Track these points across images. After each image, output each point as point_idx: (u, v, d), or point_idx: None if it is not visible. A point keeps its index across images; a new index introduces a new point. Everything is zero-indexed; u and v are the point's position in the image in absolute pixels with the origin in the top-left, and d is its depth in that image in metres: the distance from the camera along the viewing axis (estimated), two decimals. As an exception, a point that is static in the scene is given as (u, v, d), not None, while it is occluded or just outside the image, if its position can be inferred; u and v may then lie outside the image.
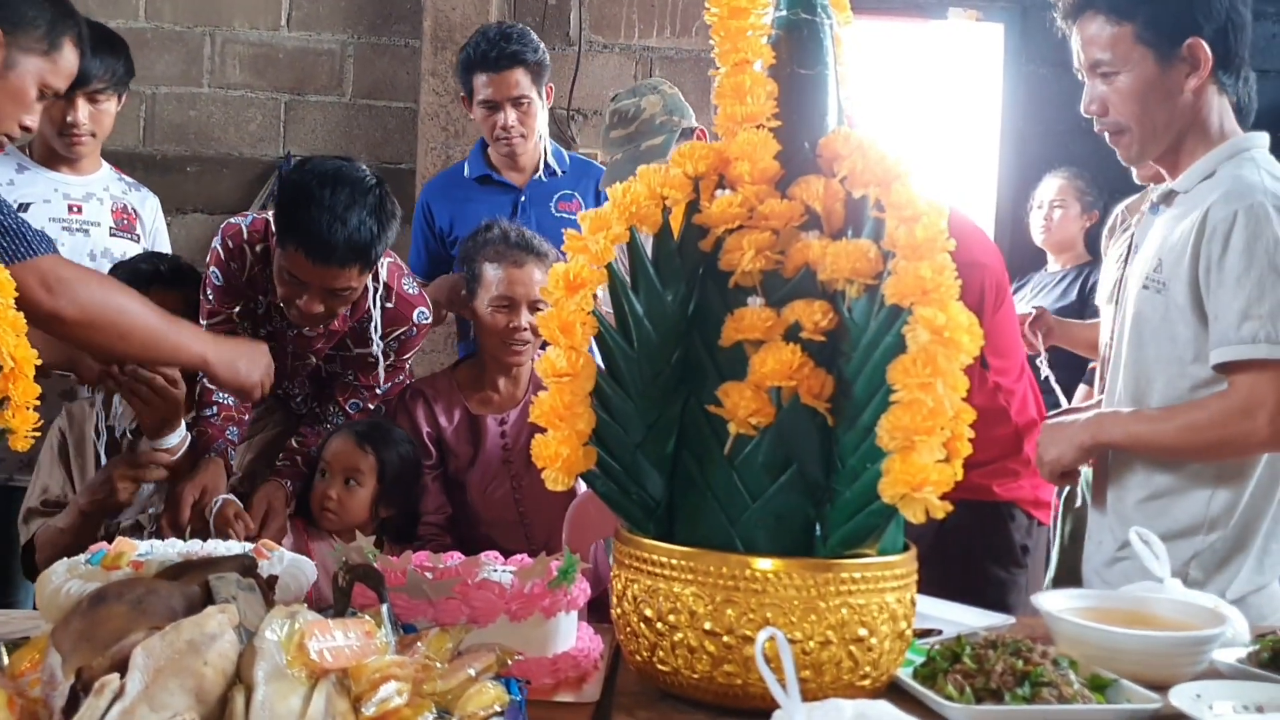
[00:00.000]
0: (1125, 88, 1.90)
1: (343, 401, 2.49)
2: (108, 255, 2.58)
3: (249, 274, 2.35)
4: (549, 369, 1.29)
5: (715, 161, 1.35)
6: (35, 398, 1.51)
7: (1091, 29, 1.91)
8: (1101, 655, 1.45)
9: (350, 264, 2.18)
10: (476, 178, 3.12)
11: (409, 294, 2.43)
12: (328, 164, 2.24)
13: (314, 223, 2.13)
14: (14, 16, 1.95)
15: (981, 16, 4.79)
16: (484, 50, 2.95)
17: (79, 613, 1.11)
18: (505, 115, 2.96)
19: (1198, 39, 1.86)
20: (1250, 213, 1.80)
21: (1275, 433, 1.78)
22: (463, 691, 1.12)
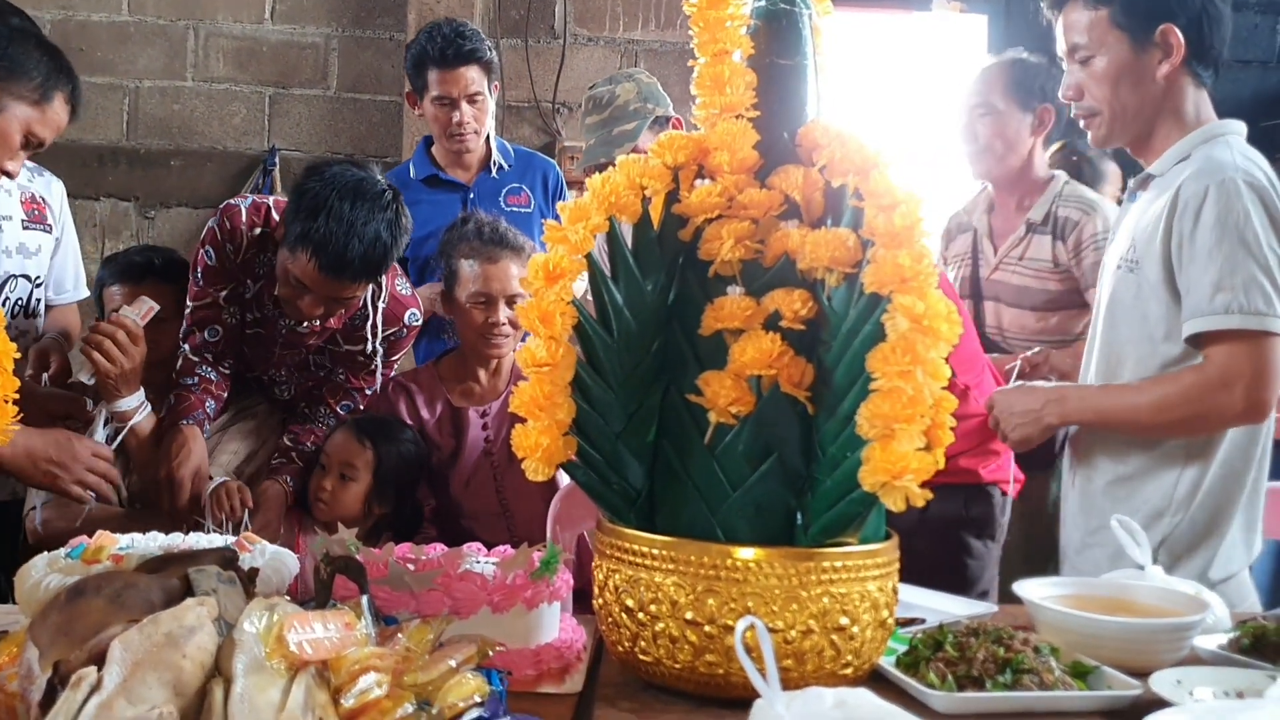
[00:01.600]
0: (1099, 71, 1.95)
1: (333, 404, 2.49)
2: (23, 250, 2.48)
3: (243, 256, 2.34)
4: (529, 359, 1.29)
5: (694, 151, 1.35)
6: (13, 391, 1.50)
7: (1073, 15, 1.97)
8: (1083, 642, 1.45)
9: (362, 279, 2.19)
10: (423, 178, 3.10)
11: (402, 295, 2.43)
12: (348, 175, 2.19)
13: (331, 236, 2.11)
14: (10, 64, 2.02)
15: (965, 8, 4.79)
16: (440, 47, 2.95)
17: (57, 606, 1.10)
18: (461, 112, 2.97)
19: (1171, 25, 1.91)
20: (1221, 187, 1.83)
21: (1250, 405, 1.80)
22: (443, 682, 1.11)
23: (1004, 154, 2.73)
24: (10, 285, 2.45)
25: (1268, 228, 1.81)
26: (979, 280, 2.79)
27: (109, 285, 2.37)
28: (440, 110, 2.99)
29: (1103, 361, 2.00)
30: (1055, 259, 2.70)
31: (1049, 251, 2.70)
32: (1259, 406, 1.81)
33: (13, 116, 2.02)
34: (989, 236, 2.81)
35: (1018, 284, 2.72)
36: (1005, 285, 2.74)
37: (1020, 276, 2.73)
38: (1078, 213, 2.70)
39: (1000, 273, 2.76)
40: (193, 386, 2.36)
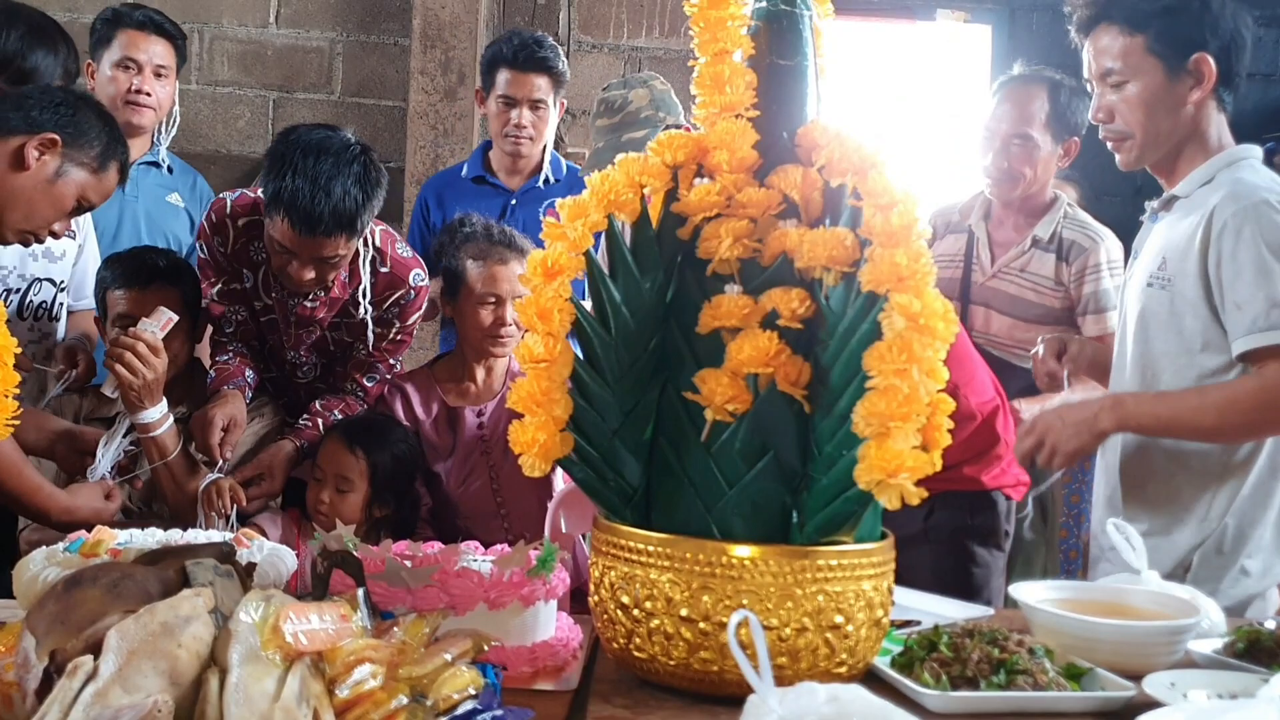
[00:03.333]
0: (1133, 96, 1.98)
1: (360, 378, 2.52)
2: (48, 255, 2.53)
3: (233, 248, 2.37)
4: (526, 355, 1.30)
5: (694, 151, 1.36)
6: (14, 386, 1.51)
7: (1104, 40, 2.00)
8: (1078, 645, 1.46)
9: (336, 233, 2.20)
10: (473, 178, 3.20)
11: (403, 257, 2.45)
12: (313, 134, 2.25)
13: (298, 193, 2.15)
14: (75, 130, 2.08)
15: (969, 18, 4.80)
16: (515, 49, 3.05)
17: (54, 596, 1.11)
18: (521, 114, 3.05)
19: (1204, 54, 1.96)
20: (1257, 209, 1.88)
21: None
22: (438, 675, 1.12)
23: (1030, 181, 2.78)
24: (35, 288, 2.52)
25: None
26: (970, 284, 2.83)
27: (112, 288, 2.36)
28: (502, 110, 3.07)
29: (1138, 374, 2.03)
30: (1058, 278, 2.77)
31: (1052, 269, 2.77)
32: None
33: (71, 181, 2.07)
34: (988, 244, 2.84)
35: (1014, 294, 2.78)
36: (1000, 293, 2.79)
37: (1018, 287, 2.78)
38: (1086, 239, 2.77)
39: (997, 281, 2.79)
40: (227, 361, 2.43)
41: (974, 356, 2.37)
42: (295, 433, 2.42)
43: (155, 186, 2.96)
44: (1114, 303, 2.72)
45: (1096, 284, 2.73)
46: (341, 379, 2.53)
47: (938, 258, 2.87)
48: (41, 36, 2.44)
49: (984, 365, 2.40)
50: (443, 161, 4.02)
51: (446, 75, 4.09)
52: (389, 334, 2.48)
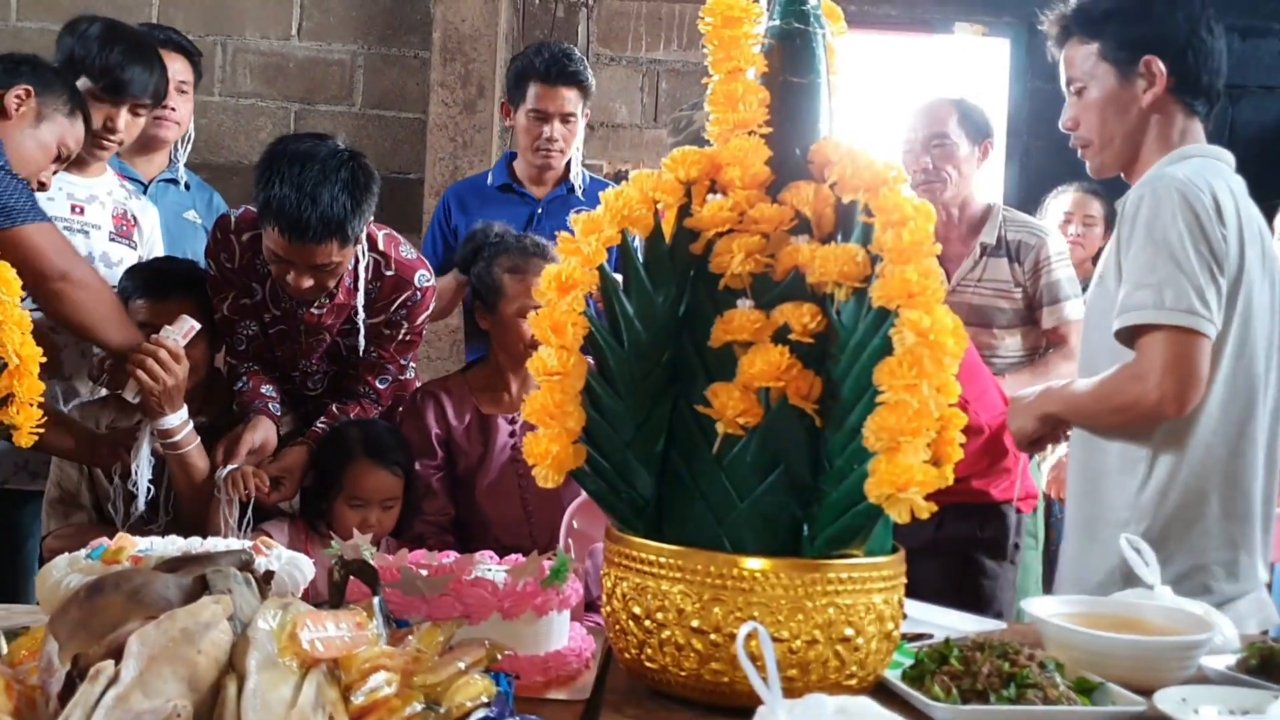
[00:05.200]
0: (1090, 101, 2.05)
1: (372, 379, 2.54)
2: (105, 260, 2.61)
3: (239, 262, 2.40)
4: (540, 367, 1.32)
5: (707, 167, 1.37)
6: (39, 395, 1.53)
7: (1071, 50, 2.08)
8: (1090, 659, 1.46)
9: (327, 240, 2.22)
10: (498, 186, 3.20)
11: (408, 259, 2.48)
12: (301, 143, 2.29)
13: (285, 201, 2.18)
14: (42, 82, 2.23)
15: (988, 31, 4.80)
16: (546, 63, 3.06)
17: (76, 602, 1.13)
18: (552, 128, 3.06)
19: (1153, 57, 2.00)
20: (1154, 194, 1.90)
21: (1163, 395, 1.84)
22: (451, 683, 1.13)
23: (957, 182, 2.96)
24: None
25: (1194, 232, 1.86)
26: None
27: (133, 298, 2.40)
28: (532, 123, 3.08)
29: (1083, 370, 2.07)
30: (1014, 279, 2.92)
31: (1007, 272, 2.92)
32: (1171, 399, 1.84)
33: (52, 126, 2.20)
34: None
35: (978, 304, 2.90)
36: (964, 306, 2.89)
37: (980, 297, 2.91)
38: (1031, 237, 2.96)
39: (956, 295, 2.90)
40: (245, 385, 2.46)
41: (983, 371, 2.39)
42: (310, 436, 2.45)
43: (173, 204, 3.00)
44: (1067, 293, 2.90)
45: (1049, 275, 2.89)
46: (354, 383, 2.56)
47: None
48: (140, 54, 2.59)
49: (993, 379, 2.42)
50: (462, 173, 4.05)
51: (466, 88, 4.12)
52: (398, 335, 2.50)
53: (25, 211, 2.04)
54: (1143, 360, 1.85)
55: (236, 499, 2.28)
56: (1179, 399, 1.83)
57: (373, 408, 2.54)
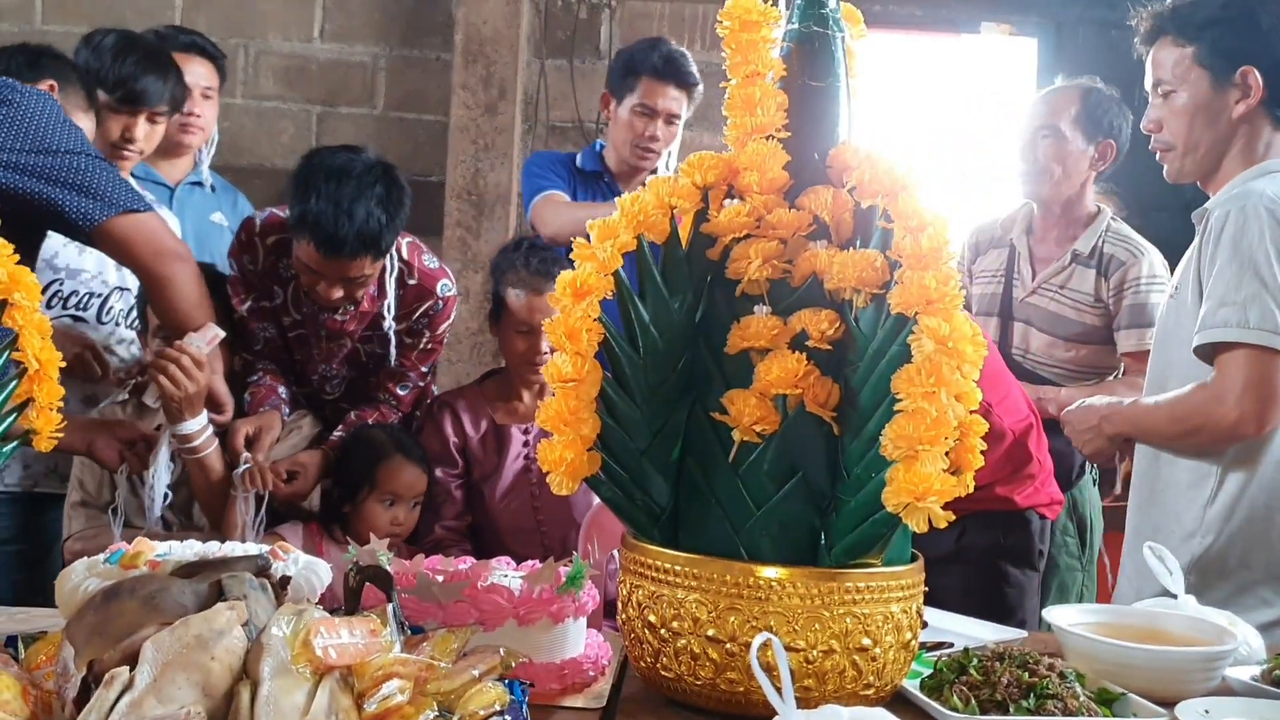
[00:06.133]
0: (1178, 106, 2.01)
1: (392, 386, 2.56)
2: None
3: (262, 266, 2.44)
4: (555, 374, 1.31)
5: (724, 172, 1.37)
6: (59, 399, 1.54)
7: (1161, 52, 2.04)
8: (1111, 670, 1.44)
9: (361, 255, 2.25)
10: (588, 171, 3.10)
11: (430, 268, 2.50)
12: (336, 156, 2.30)
13: (322, 217, 2.21)
14: (62, 76, 2.26)
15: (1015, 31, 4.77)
16: (664, 58, 2.97)
17: (92, 607, 1.13)
18: (656, 126, 2.97)
19: (1250, 68, 1.97)
20: (1241, 211, 1.87)
21: (1242, 415, 1.82)
22: (465, 691, 1.13)
23: (1060, 179, 2.77)
24: (116, 296, 2.63)
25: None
26: (1011, 300, 2.80)
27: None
28: (637, 119, 2.98)
29: (1152, 386, 2.05)
30: (1097, 294, 2.73)
31: (1092, 285, 2.73)
32: (1251, 418, 1.83)
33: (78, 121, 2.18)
34: (1028, 259, 2.82)
35: (1054, 311, 2.74)
36: (1039, 310, 2.75)
37: (1058, 304, 2.75)
38: (1126, 253, 2.74)
39: (1037, 297, 2.77)
40: (259, 381, 2.48)
41: (1006, 375, 2.36)
42: (328, 442, 2.47)
43: (199, 206, 3.03)
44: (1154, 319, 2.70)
45: (1135, 297, 2.69)
46: (374, 389, 2.58)
47: (980, 273, 2.86)
48: (153, 64, 2.61)
49: (1017, 384, 2.39)
50: (483, 176, 4.05)
51: (488, 90, 4.12)
52: (419, 344, 2.53)
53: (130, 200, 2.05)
54: (1222, 379, 1.83)
55: (252, 495, 2.29)
56: (1259, 419, 1.82)
57: (392, 413, 2.56)
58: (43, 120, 2.01)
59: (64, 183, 1.98)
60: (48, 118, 2.02)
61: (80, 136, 2.07)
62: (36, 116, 2.00)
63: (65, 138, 2.02)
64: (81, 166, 2.00)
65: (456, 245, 4.04)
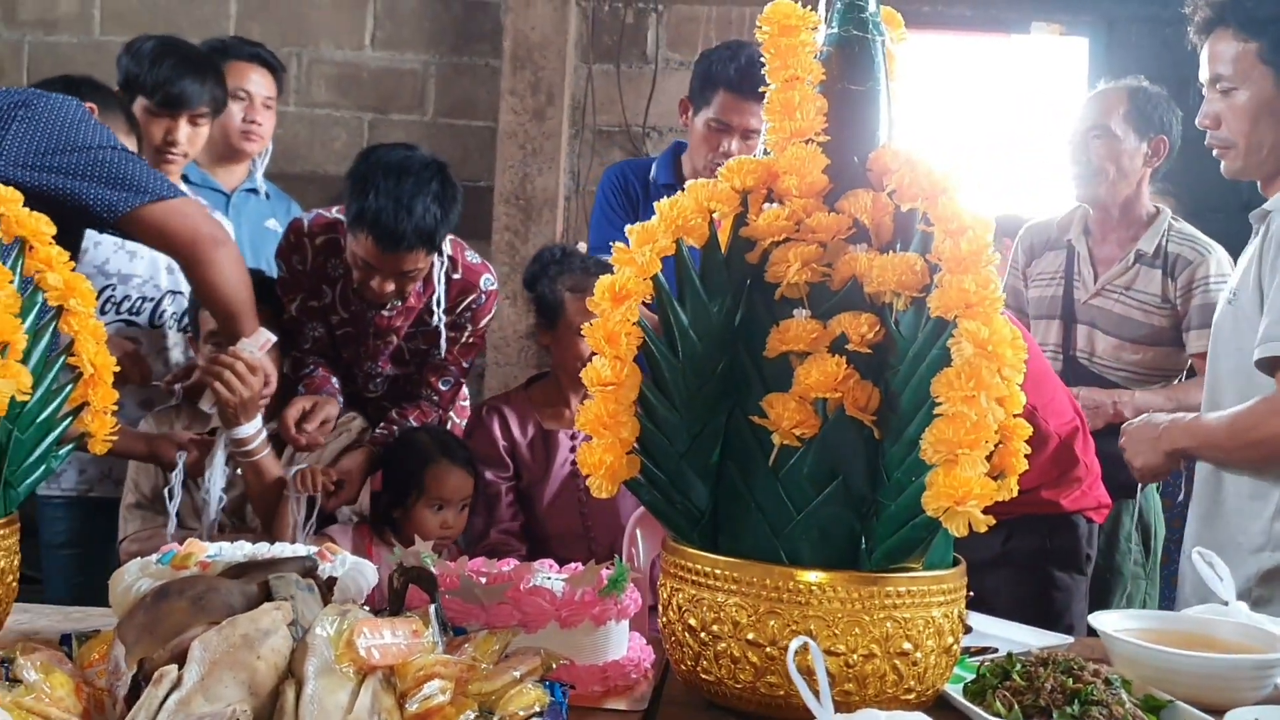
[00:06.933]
0: (1240, 104, 1.95)
1: (435, 381, 2.61)
2: None
3: (310, 265, 2.50)
4: (594, 378, 1.32)
5: (763, 175, 1.37)
6: (113, 403, 1.57)
7: (1219, 45, 1.97)
8: (1159, 677, 1.43)
9: (417, 248, 2.31)
10: (664, 184, 2.91)
11: (473, 263, 2.56)
12: (393, 153, 2.37)
13: (382, 212, 2.26)
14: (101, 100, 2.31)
15: (1065, 30, 4.71)
16: (742, 70, 2.68)
17: (143, 607, 1.16)
18: (731, 143, 2.75)
19: None
20: None
21: None
22: (505, 692, 1.14)
23: (1115, 179, 2.74)
24: (168, 300, 2.70)
25: None
26: (1073, 303, 2.76)
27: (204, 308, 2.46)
28: (712, 134, 2.76)
29: (1209, 393, 2.01)
30: (1164, 294, 2.69)
31: (1159, 286, 2.70)
32: None
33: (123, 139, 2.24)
34: (1089, 261, 2.78)
35: (1120, 313, 2.71)
36: (1105, 312, 2.72)
37: (1124, 306, 2.71)
38: (1192, 252, 2.70)
39: (1101, 299, 2.73)
40: (312, 373, 2.53)
41: (1052, 378, 2.33)
42: (371, 440, 2.51)
43: (254, 213, 3.08)
44: None
45: (1205, 297, 2.64)
46: (416, 385, 2.62)
47: (1036, 276, 2.83)
48: (191, 67, 2.67)
49: (1063, 387, 2.36)
50: (531, 181, 4.08)
51: (535, 95, 4.15)
52: (461, 338, 2.58)
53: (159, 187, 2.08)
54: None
55: (304, 497, 2.33)
56: None
57: (433, 410, 2.59)
58: (65, 119, 2.04)
59: (88, 176, 2.01)
60: (70, 117, 2.05)
61: (106, 133, 2.09)
62: (59, 117, 2.04)
63: (88, 135, 2.05)
64: (106, 159, 2.03)
65: (505, 249, 4.08)
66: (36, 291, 1.54)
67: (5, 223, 1.53)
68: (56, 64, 4.40)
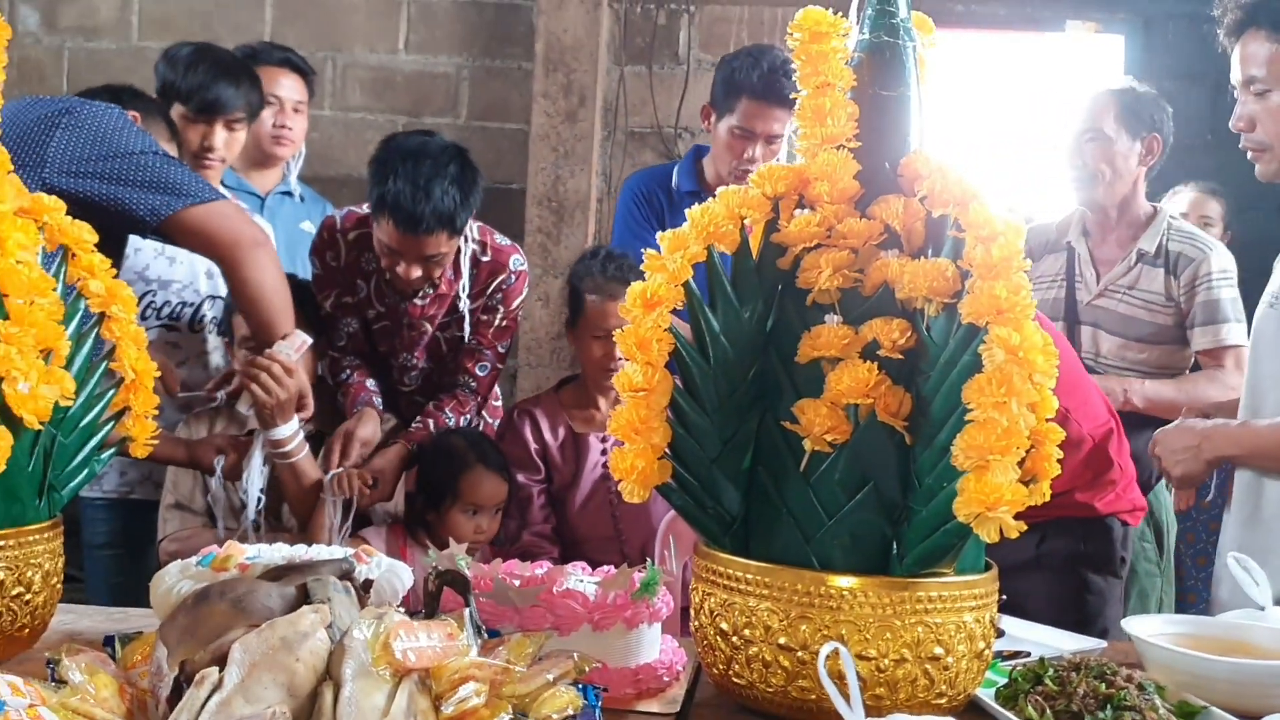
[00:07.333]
0: (1275, 106, 1.92)
1: (470, 366, 2.63)
2: None
3: (344, 261, 2.55)
4: (626, 384, 1.33)
5: (795, 182, 1.37)
6: (153, 408, 1.60)
7: (1251, 46, 1.94)
8: (1193, 682, 1.42)
9: (438, 231, 2.36)
10: (687, 192, 2.91)
11: (502, 245, 2.61)
12: (410, 140, 2.44)
13: (401, 195, 2.32)
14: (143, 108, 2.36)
15: (1100, 28, 4.67)
16: (766, 79, 2.71)
17: (184, 609, 1.18)
18: (755, 149, 2.75)
19: None
20: None
21: None
22: (539, 695, 1.16)
23: (1112, 180, 2.77)
24: (208, 304, 2.74)
25: None
26: (1075, 304, 2.77)
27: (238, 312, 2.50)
28: (735, 141, 2.77)
29: (1248, 397, 1.99)
30: (1168, 293, 2.72)
31: (1162, 284, 2.73)
32: None
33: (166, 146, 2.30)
34: (1090, 262, 2.79)
35: (1124, 313, 2.72)
36: (1108, 313, 2.73)
37: (1128, 306, 2.74)
38: (1194, 250, 2.74)
39: (1104, 300, 2.75)
40: (348, 380, 2.57)
41: (1086, 380, 2.32)
42: (406, 435, 2.53)
43: (289, 215, 3.12)
44: (1228, 314, 2.70)
45: (1208, 294, 2.69)
46: (452, 374, 2.64)
47: (1038, 278, 2.84)
48: (225, 72, 2.71)
49: (1097, 389, 2.35)
50: (563, 183, 4.10)
51: (568, 98, 4.17)
52: (495, 320, 2.60)
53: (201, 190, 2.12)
54: None
55: (340, 500, 2.36)
56: None
57: (470, 399, 2.61)
58: (108, 126, 2.07)
59: (130, 181, 2.03)
60: (113, 124, 2.08)
61: (147, 139, 2.12)
62: (102, 124, 2.06)
63: (131, 141, 2.08)
64: (148, 164, 2.06)
65: (537, 251, 4.09)
66: (79, 298, 1.57)
67: (49, 231, 1.56)
68: (96, 70, 4.47)
